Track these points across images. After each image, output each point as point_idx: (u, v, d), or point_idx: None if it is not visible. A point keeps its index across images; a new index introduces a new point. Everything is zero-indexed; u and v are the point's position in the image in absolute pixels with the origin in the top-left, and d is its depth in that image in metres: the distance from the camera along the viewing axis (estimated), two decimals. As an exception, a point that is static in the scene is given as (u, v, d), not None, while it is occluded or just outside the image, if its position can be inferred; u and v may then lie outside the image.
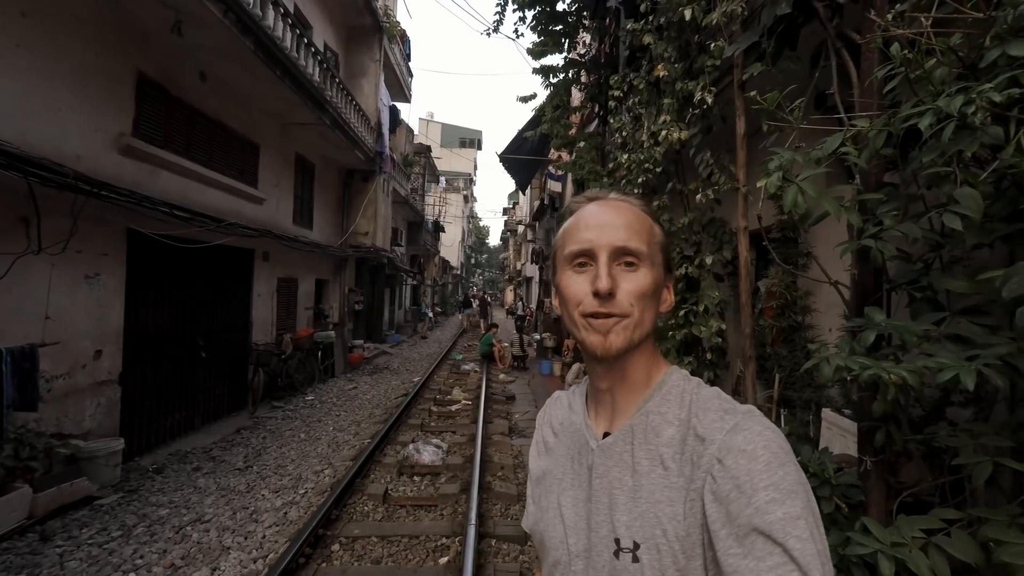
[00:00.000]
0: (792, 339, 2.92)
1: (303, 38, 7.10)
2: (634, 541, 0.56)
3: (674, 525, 0.55)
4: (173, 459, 5.04)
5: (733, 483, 0.51)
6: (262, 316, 7.76)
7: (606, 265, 0.61)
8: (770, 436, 0.53)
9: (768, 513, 0.48)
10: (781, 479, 0.50)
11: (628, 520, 0.58)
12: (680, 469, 0.57)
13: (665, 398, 0.63)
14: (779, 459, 0.51)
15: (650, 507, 0.57)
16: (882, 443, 1.70)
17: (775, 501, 0.48)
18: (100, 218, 4.40)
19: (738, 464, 0.52)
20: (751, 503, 0.49)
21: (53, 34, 4.03)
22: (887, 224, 1.44)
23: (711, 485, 0.53)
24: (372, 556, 3.28)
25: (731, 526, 0.50)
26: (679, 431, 0.59)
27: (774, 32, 2.22)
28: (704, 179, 3.11)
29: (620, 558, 0.57)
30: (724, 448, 0.53)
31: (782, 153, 1.58)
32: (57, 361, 4.10)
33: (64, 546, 3.29)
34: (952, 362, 1.16)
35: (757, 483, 0.50)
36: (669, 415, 0.61)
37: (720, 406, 0.59)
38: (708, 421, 0.57)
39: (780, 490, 0.49)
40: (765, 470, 0.50)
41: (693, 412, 0.59)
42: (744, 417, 0.56)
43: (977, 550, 1.32)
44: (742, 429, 0.54)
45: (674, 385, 0.64)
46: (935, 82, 1.28)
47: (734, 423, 0.55)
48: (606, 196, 0.69)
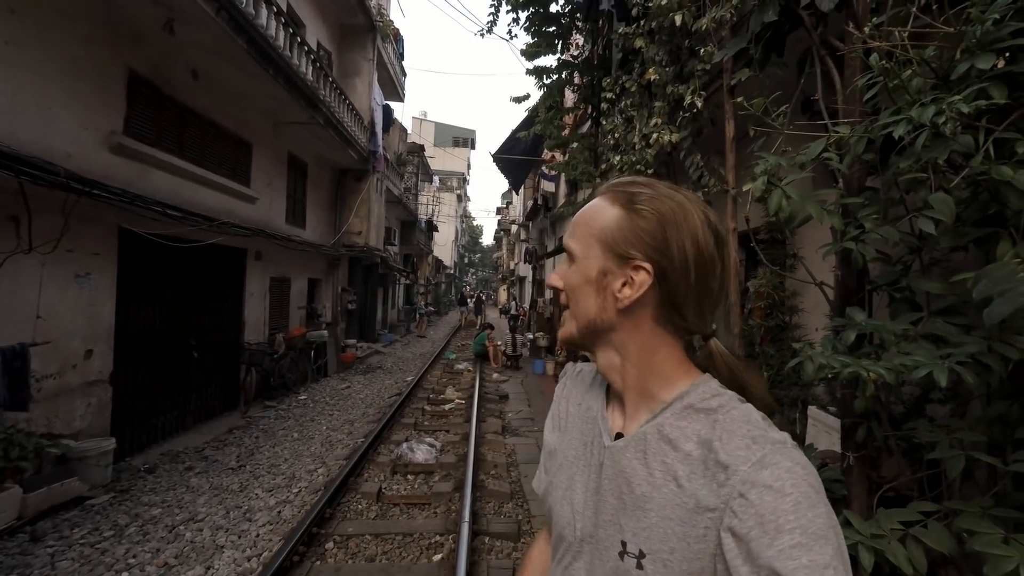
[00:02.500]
0: (780, 338, 2.99)
1: (296, 36, 7.08)
2: (640, 549, 0.55)
3: (683, 546, 0.52)
4: (165, 459, 5.02)
5: (756, 520, 0.47)
6: (254, 315, 7.73)
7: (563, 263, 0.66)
8: (800, 473, 0.49)
9: (792, 559, 0.45)
10: (810, 522, 0.46)
11: (635, 527, 0.56)
12: (695, 492, 0.53)
13: (686, 411, 0.58)
14: (809, 500, 0.47)
15: (660, 521, 0.55)
16: (863, 439, 1.76)
17: (801, 546, 0.45)
18: (91, 217, 4.37)
19: (763, 501, 0.48)
20: (774, 544, 0.46)
21: (43, 31, 4.00)
22: (868, 227, 1.50)
23: (730, 520, 0.49)
24: (366, 554, 3.30)
25: (752, 565, 0.47)
26: (699, 449, 0.55)
27: (761, 38, 2.28)
28: (694, 181, 3.17)
29: (625, 560, 0.56)
30: (748, 482, 0.49)
31: (768, 157, 1.63)
32: (47, 361, 4.07)
33: (55, 546, 3.28)
34: (927, 360, 1.22)
35: (783, 524, 0.46)
36: (688, 430, 0.57)
37: (748, 432, 0.53)
38: (733, 448, 0.52)
39: (808, 534, 0.45)
40: (793, 510, 0.47)
41: (717, 434, 0.54)
42: (773, 449, 0.51)
43: (952, 540, 1.38)
44: (770, 464, 0.50)
45: (700, 397, 0.59)
46: (912, 91, 1.33)
47: (762, 455, 0.51)
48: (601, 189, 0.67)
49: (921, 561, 1.40)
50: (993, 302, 1.07)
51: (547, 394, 8.43)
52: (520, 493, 4.34)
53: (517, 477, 4.71)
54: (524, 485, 4.49)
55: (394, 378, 9.78)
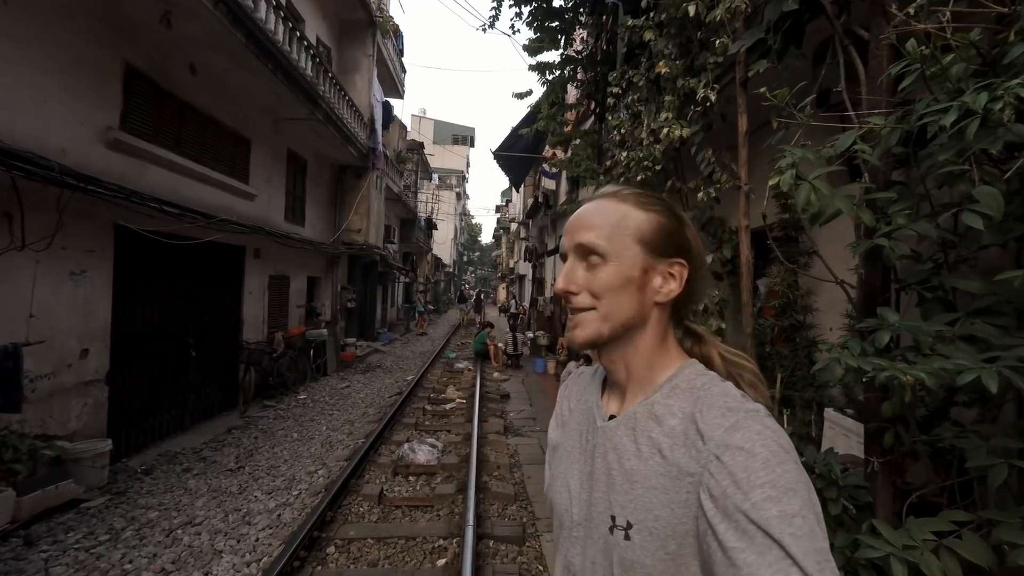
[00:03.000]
0: (793, 338, 2.92)
1: (295, 31, 6.98)
2: (628, 521, 0.59)
3: (667, 512, 0.56)
4: (162, 460, 4.94)
5: (730, 479, 0.51)
6: (253, 314, 7.65)
7: (570, 265, 0.67)
8: (769, 435, 0.53)
9: (764, 509, 0.48)
10: (779, 477, 0.50)
11: (624, 501, 0.61)
12: (676, 460, 0.58)
13: (674, 391, 0.64)
14: (778, 457, 0.51)
15: (645, 492, 0.59)
16: (890, 444, 1.69)
17: (771, 499, 0.49)
18: (87, 213, 4.28)
19: (735, 461, 0.52)
20: (748, 499, 0.49)
21: (39, 24, 3.90)
22: (900, 223, 1.42)
23: (708, 481, 0.54)
24: (368, 559, 3.23)
25: (729, 520, 0.50)
26: (682, 423, 0.60)
27: (780, 28, 2.20)
28: (705, 177, 3.09)
29: (614, 534, 0.60)
30: (722, 445, 0.54)
31: (793, 150, 1.55)
32: (42, 360, 3.99)
33: (49, 551, 3.20)
34: (972, 364, 1.14)
35: (754, 480, 0.50)
36: (674, 407, 0.62)
37: (725, 403, 0.58)
38: (710, 417, 0.57)
39: (777, 487, 0.49)
40: (763, 468, 0.51)
41: (698, 407, 0.60)
42: (746, 415, 0.56)
43: (989, 553, 1.31)
44: (741, 427, 0.55)
45: (685, 379, 0.64)
46: (952, 79, 1.26)
47: (734, 421, 0.55)
48: (598, 195, 0.71)
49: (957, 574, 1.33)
50: (1050, 302, 0.99)
51: (548, 393, 8.36)
52: (524, 495, 4.27)
53: (520, 478, 4.64)
54: (528, 487, 4.42)
55: (394, 377, 9.70)
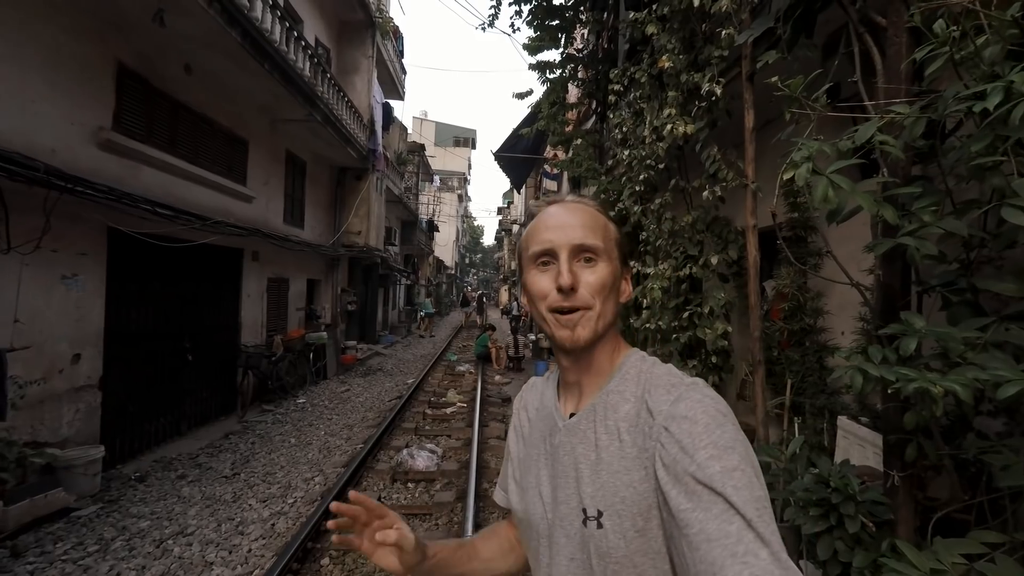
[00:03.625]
0: (803, 342, 2.80)
1: (293, 31, 6.90)
2: (598, 509, 0.61)
3: (631, 491, 0.59)
4: (157, 466, 4.85)
5: (678, 446, 0.55)
6: (251, 317, 7.56)
7: (567, 262, 0.66)
8: (708, 403, 0.58)
9: (708, 468, 0.52)
10: (719, 438, 0.54)
11: (592, 491, 0.63)
12: (634, 440, 0.61)
13: (624, 378, 0.68)
14: (716, 421, 0.56)
15: (610, 477, 0.62)
16: (913, 457, 1.57)
17: (714, 457, 0.52)
18: (77, 215, 4.20)
19: (681, 429, 0.56)
20: (694, 460, 0.53)
21: (25, 21, 3.83)
22: (927, 220, 1.31)
23: (660, 451, 0.57)
24: (364, 570, 3.12)
25: (679, 485, 0.53)
26: (634, 407, 0.64)
27: (790, 18, 2.09)
28: (710, 175, 2.98)
29: (588, 526, 0.62)
30: (669, 417, 0.58)
31: (808, 143, 1.45)
32: (31, 366, 3.90)
33: (36, 562, 3.11)
34: (1013, 375, 1.03)
35: (698, 443, 0.54)
36: (627, 393, 0.66)
37: (668, 381, 0.63)
38: (657, 395, 0.62)
39: (718, 447, 0.53)
40: (704, 432, 0.55)
41: (646, 388, 0.64)
42: (687, 388, 0.61)
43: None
44: (684, 398, 0.59)
45: (632, 365, 0.69)
46: (986, 62, 1.15)
47: (678, 394, 0.60)
48: (563, 199, 0.73)
49: (991, 602, 1.22)
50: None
51: (551, 397, 8.23)
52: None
53: (521, 485, 4.53)
54: (529, 494, 4.31)
55: (394, 380, 9.60)
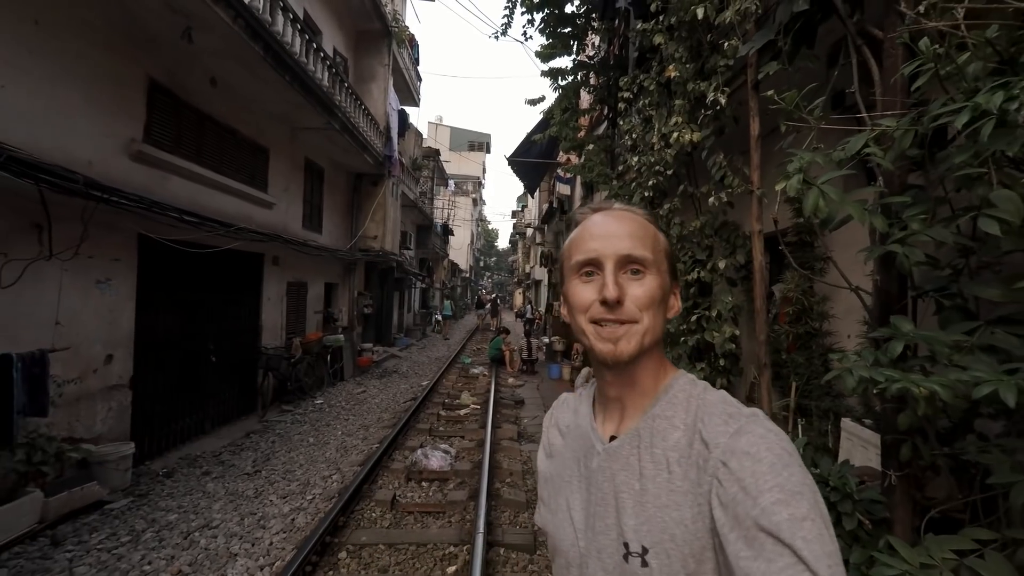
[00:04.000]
0: (809, 346, 2.84)
1: (312, 43, 7.13)
2: (643, 546, 0.57)
3: (682, 530, 0.55)
4: (183, 463, 5.06)
5: (738, 486, 0.51)
6: (271, 320, 7.79)
7: (612, 274, 0.62)
8: (773, 439, 0.53)
9: (774, 514, 0.48)
10: (786, 480, 0.50)
11: (636, 524, 0.58)
12: (685, 473, 0.57)
13: (671, 402, 0.63)
14: (783, 461, 0.51)
15: (657, 512, 0.57)
16: (908, 457, 1.62)
17: (780, 502, 0.48)
18: (111, 223, 4.43)
19: (742, 467, 0.52)
20: (757, 504, 0.49)
21: (66, 41, 4.07)
22: (915, 228, 1.37)
23: (717, 489, 0.53)
24: (379, 564, 3.24)
25: (739, 529, 0.50)
26: (685, 435, 0.59)
27: (791, 30, 2.16)
28: (717, 182, 3.04)
29: (630, 562, 0.57)
30: (728, 452, 0.54)
31: (801, 154, 1.52)
32: (69, 366, 4.13)
33: (74, 551, 3.29)
34: (989, 376, 1.09)
35: (762, 485, 0.50)
36: (675, 419, 0.61)
37: (725, 410, 0.58)
38: (713, 426, 0.57)
39: (785, 491, 0.49)
40: (769, 472, 0.50)
41: (699, 417, 0.59)
42: (748, 420, 0.56)
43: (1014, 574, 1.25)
44: (745, 432, 0.54)
45: (680, 389, 0.64)
46: (968, 78, 1.21)
47: (738, 427, 0.55)
48: (610, 206, 0.70)
49: (979, 595, 1.27)
50: (1072, 312, 0.94)
51: (563, 399, 8.29)
52: (536, 502, 4.23)
53: (533, 485, 4.60)
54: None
55: (409, 382, 9.76)
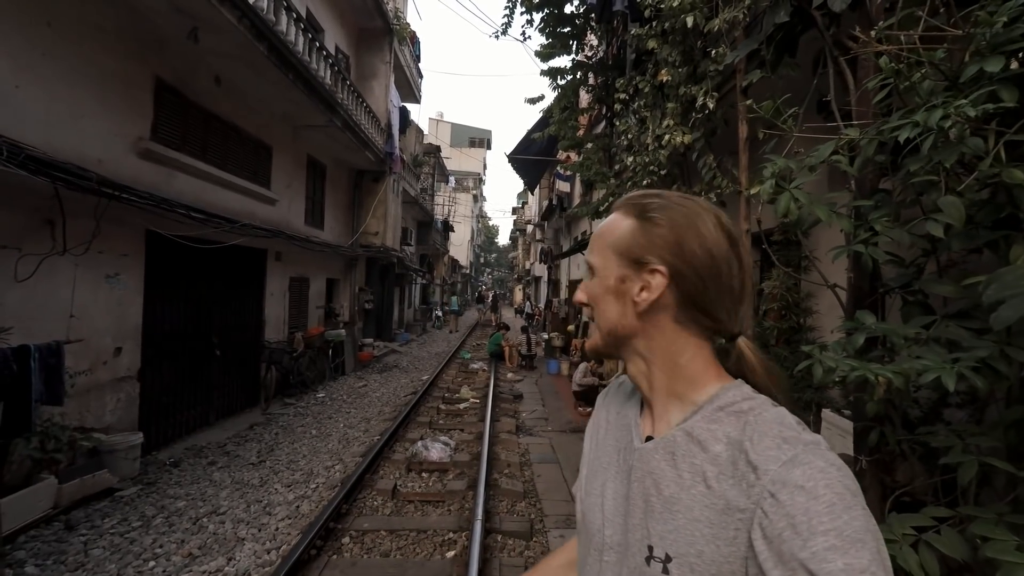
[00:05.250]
0: (794, 340, 2.96)
1: (315, 42, 7.23)
2: (666, 553, 0.54)
3: (711, 549, 0.52)
4: (189, 453, 5.19)
5: (787, 522, 0.46)
6: (274, 315, 7.92)
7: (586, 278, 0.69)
8: (834, 474, 0.48)
9: (828, 562, 0.43)
10: (846, 524, 0.45)
11: (663, 531, 0.56)
12: (724, 492, 0.53)
13: (717, 413, 0.58)
14: (845, 502, 0.46)
15: (687, 523, 0.54)
16: (875, 443, 1.75)
17: (836, 549, 0.43)
18: (121, 220, 4.55)
19: (794, 502, 0.47)
20: (807, 547, 0.44)
21: (76, 43, 4.18)
22: (878, 229, 1.49)
23: (761, 520, 0.49)
24: (381, 549, 3.37)
25: (784, 568, 0.45)
26: (728, 451, 0.55)
27: (773, 39, 2.27)
28: (707, 182, 3.15)
29: (651, 566, 0.55)
30: (779, 482, 0.49)
31: (776, 160, 1.63)
32: (80, 358, 4.25)
33: (88, 535, 3.43)
34: (935, 364, 1.21)
35: (816, 526, 0.45)
36: (718, 432, 0.57)
37: (780, 433, 0.52)
38: (763, 448, 0.52)
39: (843, 537, 0.44)
40: (827, 512, 0.45)
41: (748, 435, 0.54)
42: (806, 449, 0.50)
43: (965, 547, 1.36)
44: (801, 463, 0.49)
45: (731, 401, 0.59)
46: (923, 93, 1.32)
47: (792, 455, 0.50)
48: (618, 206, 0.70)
49: (934, 568, 1.38)
50: (1001, 306, 1.06)
51: (561, 394, 8.43)
52: (533, 492, 4.37)
53: (530, 476, 4.74)
54: (537, 484, 4.52)
55: (410, 377, 9.90)
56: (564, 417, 7.00)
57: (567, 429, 6.39)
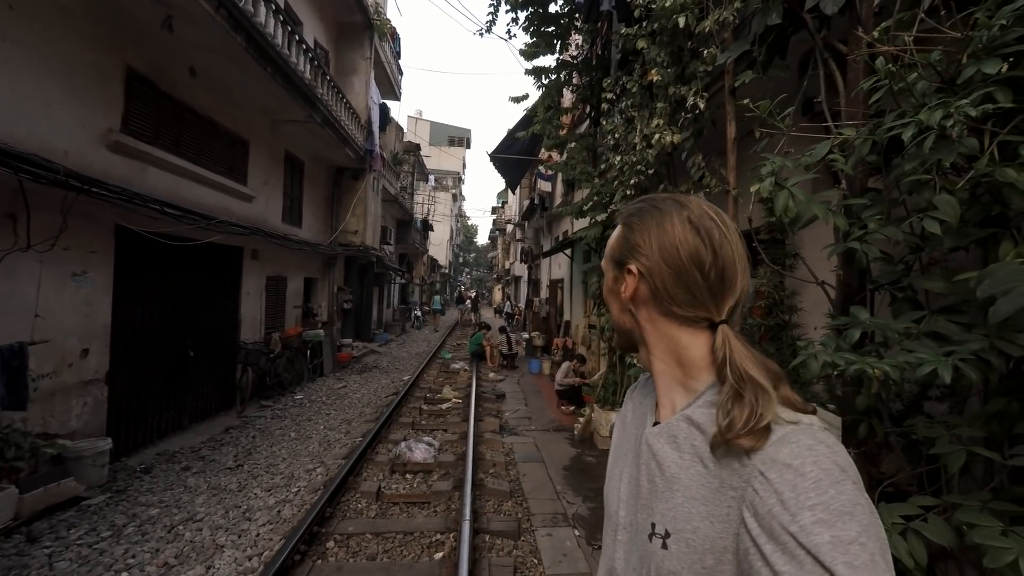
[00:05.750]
0: (779, 337, 3.03)
1: (294, 34, 7.05)
2: (666, 529, 0.58)
3: (706, 525, 0.55)
4: (161, 459, 4.99)
5: (776, 498, 0.49)
6: (251, 314, 7.69)
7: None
8: (823, 451, 0.50)
9: (814, 534, 0.45)
10: (832, 499, 0.46)
11: (664, 508, 0.60)
12: (719, 472, 0.56)
13: (715, 399, 0.60)
14: (831, 476, 0.48)
15: (684, 501, 0.57)
16: (864, 435, 1.79)
17: (823, 522, 0.45)
18: (88, 215, 4.33)
19: (782, 479, 0.49)
20: (795, 521, 0.46)
21: (41, 29, 3.96)
22: (871, 227, 1.52)
23: (752, 497, 0.51)
24: (367, 552, 3.30)
25: (775, 542, 0.48)
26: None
27: (764, 41, 2.31)
28: (695, 182, 3.20)
29: (652, 541, 0.59)
30: (768, 461, 0.51)
31: (773, 159, 1.66)
32: (43, 360, 4.03)
33: (52, 547, 3.25)
34: (931, 357, 1.24)
35: (803, 501, 0.47)
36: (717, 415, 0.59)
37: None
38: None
39: (830, 511, 0.46)
40: (813, 488, 0.47)
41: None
42: (795, 429, 0.53)
43: (951, 534, 1.41)
44: (790, 442, 0.51)
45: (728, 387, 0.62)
46: (917, 95, 1.36)
47: (782, 434, 0.52)
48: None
49: (922, 554, 1.43)
50: (997, 301, 1.09)
51: (543, 393, 8.45)
52: (519, 491, 4.35)
53: (516, 475, 4.72)
54: (523, 483, 4.51)
55: (390, 377, 9.76)
56: (547, 416, 7.01)
57: (550, 428, 6.40)
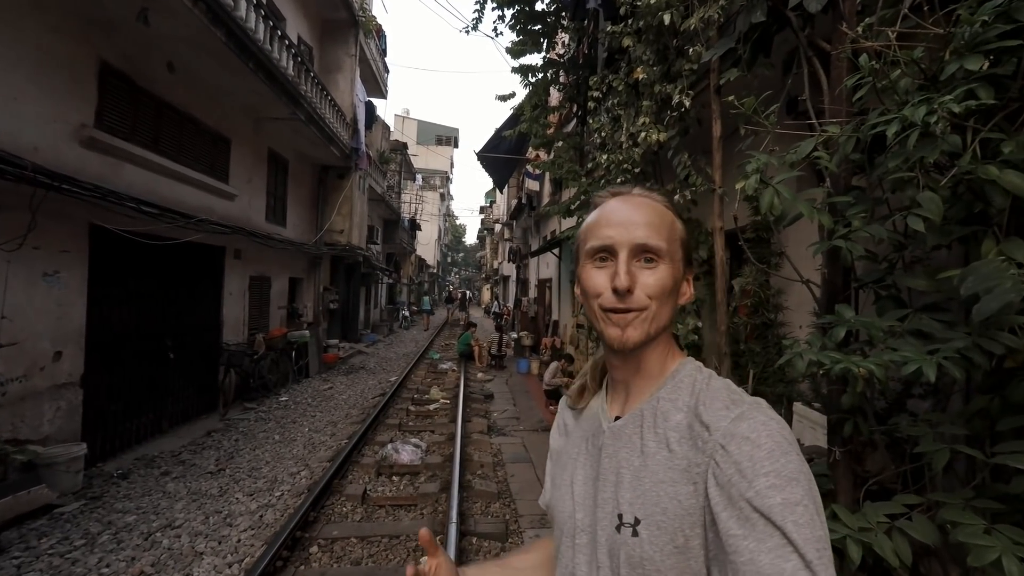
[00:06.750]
0: (765, 336, 3.03)
1: (276, 30, 6.92)
2: (635, 517, 0.59)
3: (675, 505, 0.57)
4: (139, 464, 4.86)
5: (735, 468, 0.53)
6: (233, 315, 7.54)
7: (625, 262, 0.63)
8: (774, 426, 0.55)
9: (768, 497, 0.49)
10: (782, 467, 0.51)
11: (632, 497, 0.60)
12: (684, 453, 0.58)
13: (677, 387, 0.65)
14: (782, 448, 0.53)
15: (653, 487, 0.59)
16: (850, 434, 1.79)
17: (775, 487, 0.50)
18: (60, 213, 4.19)
19: (741, 450, 0.53)
20: (752, 487, 0.51)
21: (9, 19, 3.82)
22: (856, 225, 1.52)
23: (714, 469, 0.54)
24: (352, 557, 3.24)
25: (732, 508, 0.51)
26: (686, 417, 0.61)
27: (749, 39, 2.30)
28: (681, 180, 3.19)
29: (621, 532, 0.59)
30: (728, 435, 0.55)
31: (758, 156, 1.64)
32: (13, 363, 3.89)
33: (22, 557, 3.13)
34: (915, 356, 1.24)
35: (759, 469, 0.51)
36: (679, 402, 0.63)
37: (728, 396, 0.60)
38: (714, 409, 0.59)
39: (781, 476, 0.50)
40: (767, 457, 0.52)
41: (701, 400, 0.61)
42: (750, 407, 0.57)
43: (935, 532, 1.41)
44: (747, 418, 0.56)
45: (687, 375, 0.66)
46: (900, 92, 1.35)
47: (739, 412, 0.57)
48: (629, 192, 0.69)
49: (906, 553, 1.42)
50: (981, 299, 1.09)
51: (532, 393, 8.43)
52: (507, 493, 4.32)
53: (504, 477, 4.69)
54: (511, 485, 4.48)
55: (377, 378, 9.66)
56: (535, 416, 6.99)
57: (539, 428, 6.38)
